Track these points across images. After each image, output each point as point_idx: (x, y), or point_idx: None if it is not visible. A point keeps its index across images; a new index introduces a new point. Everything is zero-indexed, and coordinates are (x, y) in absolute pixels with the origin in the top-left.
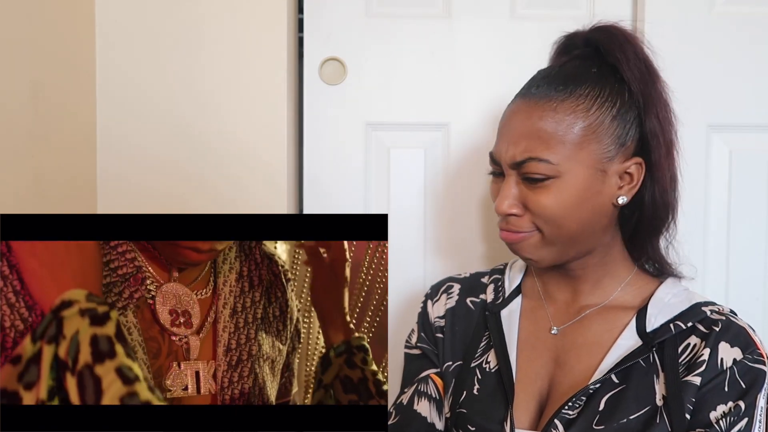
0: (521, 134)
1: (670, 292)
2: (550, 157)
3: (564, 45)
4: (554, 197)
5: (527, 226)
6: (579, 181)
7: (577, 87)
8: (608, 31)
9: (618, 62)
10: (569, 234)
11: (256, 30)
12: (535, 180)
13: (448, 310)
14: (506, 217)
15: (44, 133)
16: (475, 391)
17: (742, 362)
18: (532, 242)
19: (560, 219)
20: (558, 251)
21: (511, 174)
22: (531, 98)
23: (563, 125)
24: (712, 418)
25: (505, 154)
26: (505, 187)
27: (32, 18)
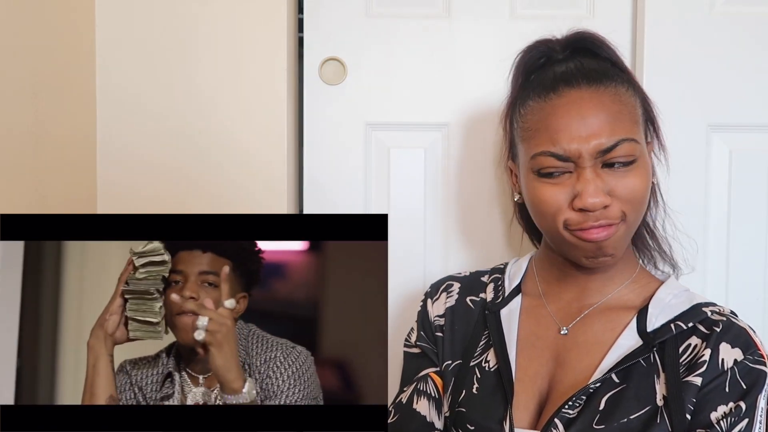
0: (601, 120)
1: (671, 293)
2: (637, 137)
3: (541, 49)
4: (641, 179)
5: (617, 216)
6: (648, 160)
7: (614, 77)
8: (591, 33)
9: (614, 56)
10: (640, 219)
11: (255, 30)
12: (625, 163)
13: (448, 308)
14: (591, 213)
15: (44, 134)
16: (474, 390)
17: (743, 363)
18: (620, 234)
19: (645, 201)
20: (629, 241)
21: (587, 166)
22: (589, 86)
23: (629, 107)
24: (712, 419)
25: (587, 144)
26: (588, 181)
27: (32, 19)
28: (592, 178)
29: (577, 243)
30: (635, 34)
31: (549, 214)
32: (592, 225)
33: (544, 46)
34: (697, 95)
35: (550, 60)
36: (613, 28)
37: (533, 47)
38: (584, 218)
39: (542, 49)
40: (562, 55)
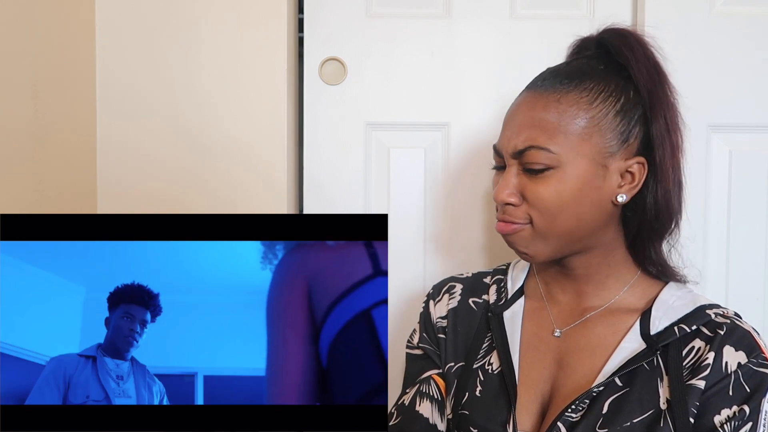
0: (524, 124)
1: (674, 295)
2: (551, 147)
3: (577, 47)
4: (553, 188)
5: (522, 217)
6: (579, 173)
7: (582, 81)
8: (619, 32)
9: (627, 61)
10: (564, 228)
11: (256, 30)
12: (535, 170)
13: (451, 310)
14: (503, 206)
15: (44, 134)
16: (477, 393)
17: (747, 366)
18: (524, 235)
19: (557, 211)
20: (552, 246)
21: (512, 164)
22: (536, 90)
23: (566, 116)
24: (716, 422)
25: (507, 144)
26: (505, 177)
27: (32, 19)
28: (507, 175)
29: None
30: None
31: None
32: (499, 217)
33: (583, 41)
34: (697, 95)
35: (579, 55)
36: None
37: (576, 41)
38: (500, 210)
39: (580, 44)
40: (590, 52)
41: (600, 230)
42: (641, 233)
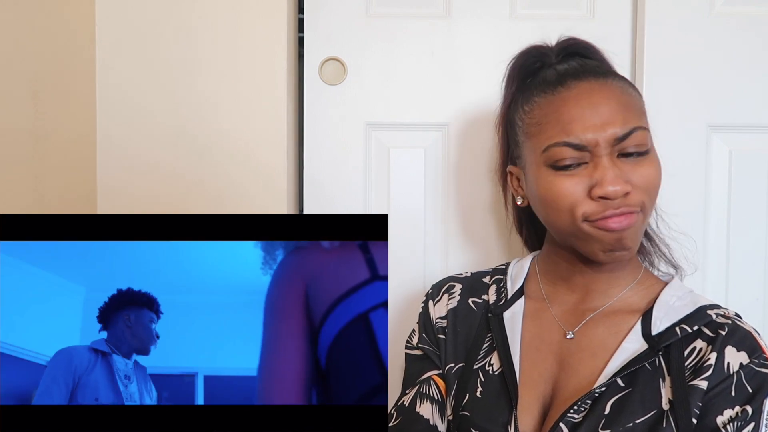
0: (614, 108)
1: (674, 295)
2: (647, 126)
3: (537, 56)
4: (656, 167)
5: (637, 203)
6: (656, 152)
7: (615, 74)
8: (581, 39)
9: (605, 61)
10: (653, 210)
11: (255, 30)
12: (639, 153)
13: (450, 310)
14: (612, 202)
15: (44, 136)
16: (478, 394)
17: (749, 366)
18: (638, 225)
19: (658, 191)
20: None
21: (605, 154)
22: (597, 79)
23: (635, 99)
24: (718, 423)
25: (602, 133)
26: (606, 169)
27: (32, 19)
28: (610, 166)
29: (597, 235)
30: (635, 34)
31: (566, 207)
32: (613, 213)
33: (538, 51)
34: (697, 95)
35: (544, 64)
36: (613, 28)
37: (527, 52)
38: (604, 207)
39: (536, 54)
40: (555, 59)
41: None
42: None
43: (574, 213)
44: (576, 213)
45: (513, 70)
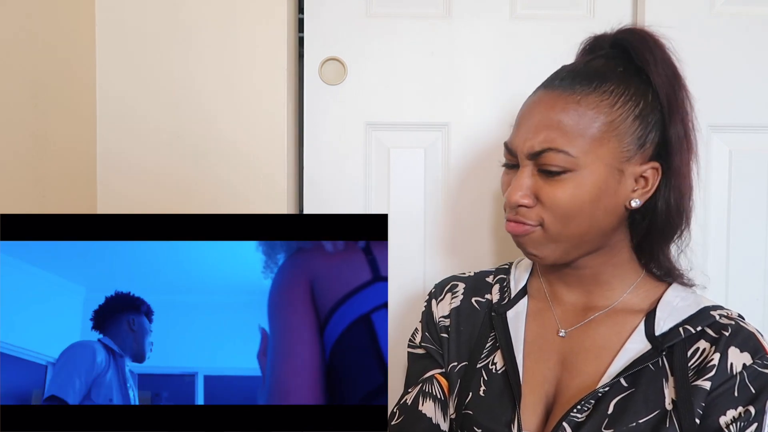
0: (542, 125)
1: (678, 296)
2: (569, 150)
3: (590, 45)
4: (570, 192)
5: (534, 218)
6: (596, 177)
7: (603, 83)
8: (638, 33)
9: (646, 64)
10: (576, 232)
11: (255, 30)
12: (552, 172)
13: (453, 309)
14: (516, 208)
15: (44, 136)
16: (481, 393)
17: (752, 367)
18: (534, 237)
19: (572, 215)
20: (562, 249)
21: (526, 165)
22: (554, 90)
23: (585, 119)
24: (722, 423)
25: (523, 144)
26: (519, 177)
27: (32, 20)
28: (521, 176)
29: None
30: None
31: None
32: (511, 218)
33: (597, 41)
34: (697, 95)
35: (593, 54)
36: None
37: (588, 40)
38: (510, 210)
39: (593, 42)
40: (604, 51)
41: (609, 233)
42: (650, 236)
43: (505, 207)
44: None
45: (576, 56)
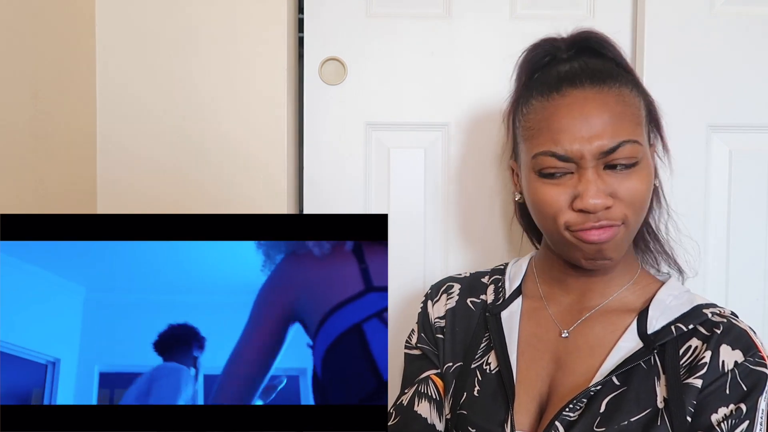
0: (604, 121)
1: (671, 294)
2: (639, 139)
3: (545, 48)
4: (644, 180)
5: (619, 217)
6: (650, 162)
7: (618, 77)
8: (595, 32)
9: (619, 57)
10: (641, 221)
11: (255, 30)
12: (627, 165)
13: (449, 310)
14: (592, 215)
15: (44, 135)
16: (475, 393)
17: (744, 365)
18: (619, 237)
19: (646, 203)
20: (630, 245)
21: (591, 166)
22: (593, 87)
23: (633, 108)
24: (713, 421)
25: (589, 145)
26: (590, 181)
27: (32, 20)
28: (593, 179)
29: (578, 244)
30: (635, 34)
31: (549, 214)
32: (592, 226)
33: (549, 44)
34: (697, 95)
35: (554, 59)
36: (613, 28)
37: (538, 46)
38: (585, 219)
39: (547, 48)
40: (566, 54)
41: None
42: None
43: (557, 221)
44: (558, 221)
45: (522, 63)
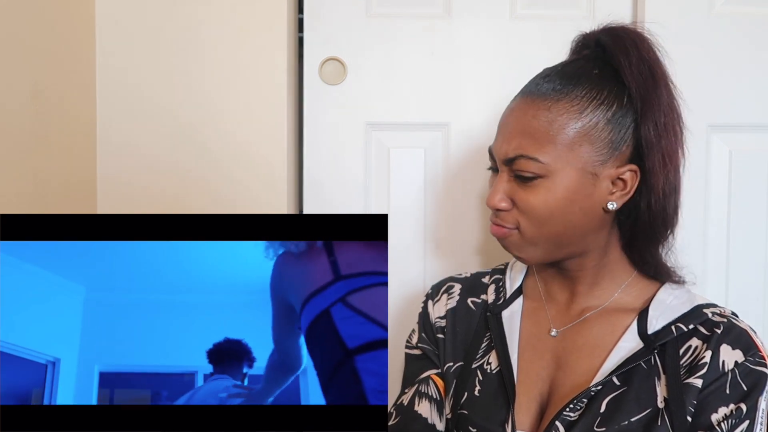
0: (515, 131)
1: (671, 294)
2: (540, 156)
3: (577, 44)
4: (542, 197)
5: (511, 222)
6: (567, 182)
7: (575, 87)
8: (615, 32)
9: (620, 66)
10: (552, 234)
11: (256, 30)
12: (524, 178)
13: (449, 310)
14: (496, 211)
15: (44, 133)
16: (476, 393)
17: (744, 364)
18: (513, 240)
19: (544, 219)
20: (543, 250)
21: (504, 170)
22: (529, 96)
23: (555, 125)
24: (713, 421)
25: (499, 150)
26: (497, 182)
27: (32, 18)
28: (499, 181)
29: None
30: None
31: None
32: (492, 221)
33: (584, 38)
34: (697, 95)
35: (578, 54)
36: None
37: (579, 37)
38: (493, 213)
39: (582, 41)
40: (589, 50)
41: (592, 234)
42: (636, 237)
43: None
44: None
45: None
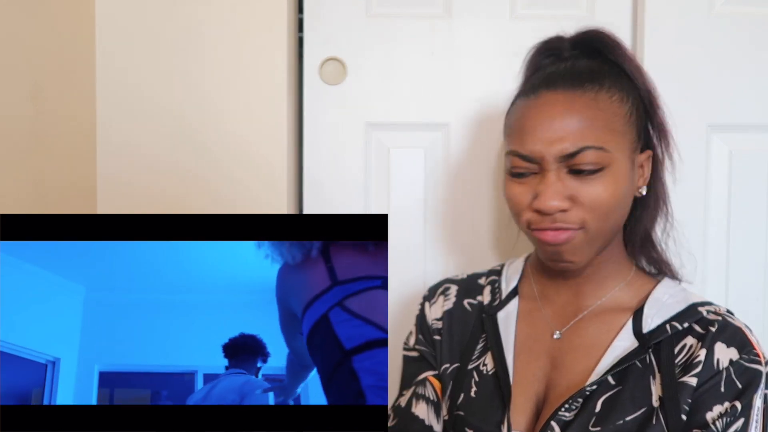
0: (569, 125)
1: (666, 293)
2: (604, 146)
3: (549, 48)
4: (608, 187)
5: (575, 221)
6: (623, 170)
7: (604, 80)
8: (601, 32)
9: (622, 58)
10: (611, 228)
11: (256, 30)
12: (587, 171)
13: (446, 312)
14: (549, 216)
15: (44, 134)
16: (472, 394)
17: (739, 363)
18: (577, 242)
19: (610, 211)
20: (596, 249)
21: (552, 169)
22: (565, 90)
23: (608, 114)
24: (708, 419)
25: (550, 148)
26: (551, 183)
27: (32, 18)
28: (552, 182)
29: (538, 243)
30: (635, 34)
31: (515, 212)
32: (548, 227)
33: (555, 44)
34: (697, 95)
35: (557, 58)
36: (612, 28)
37: (543, 44)
38: (542, 219)
39: (552, 47)
40: (569, 53)
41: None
42: (640, 224)
43: (520, 219)
44: (521, 219)
45: (529, 62)
